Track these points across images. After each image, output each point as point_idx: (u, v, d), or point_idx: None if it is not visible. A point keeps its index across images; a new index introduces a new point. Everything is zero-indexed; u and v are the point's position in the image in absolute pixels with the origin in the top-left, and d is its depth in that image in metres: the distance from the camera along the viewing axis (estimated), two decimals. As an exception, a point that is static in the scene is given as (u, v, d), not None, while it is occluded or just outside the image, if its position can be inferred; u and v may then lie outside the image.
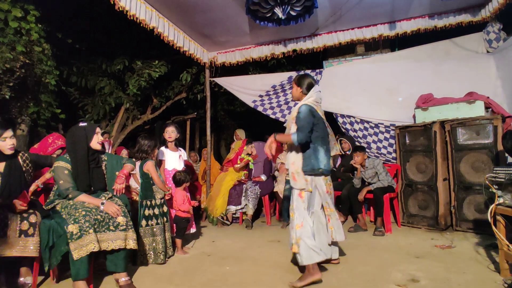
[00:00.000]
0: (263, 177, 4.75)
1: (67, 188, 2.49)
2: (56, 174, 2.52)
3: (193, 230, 3.69)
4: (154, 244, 3.02)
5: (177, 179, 3.44)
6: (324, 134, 2.61)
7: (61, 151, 3.31)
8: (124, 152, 4.98)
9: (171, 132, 3.69)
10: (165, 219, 3.16)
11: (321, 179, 2.57)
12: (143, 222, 3.05)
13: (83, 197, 2.50)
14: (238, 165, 5.03)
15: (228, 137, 8.82)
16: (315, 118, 2.53)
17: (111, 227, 2.42)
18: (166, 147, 3.73)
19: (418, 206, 4.02)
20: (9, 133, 2.46)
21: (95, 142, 2.67)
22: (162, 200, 3.18)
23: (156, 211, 3.09)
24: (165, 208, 3.18)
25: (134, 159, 3.36)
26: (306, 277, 2.37)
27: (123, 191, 2.73)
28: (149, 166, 3.13)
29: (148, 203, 3.10)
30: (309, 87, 2.64)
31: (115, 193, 2.69)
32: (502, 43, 4.19)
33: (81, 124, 2.69)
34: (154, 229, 3.05)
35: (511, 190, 2.32)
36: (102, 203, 2.48)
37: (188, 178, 3.47)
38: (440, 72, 4.49)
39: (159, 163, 3.58)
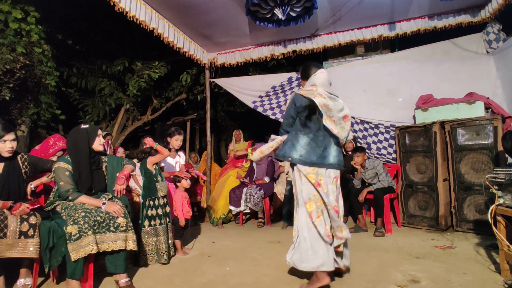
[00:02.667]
0: (266, 179, 4.75)
1: (67, 190, 2.48)
2: (56, 175, 2.52)
3: None
4: (157, 244, 3.01)
5: (174, 180, 3.50)
6: (312, 123, 2.36)
7: (62, 153, 3.30)
8: (121, 151, 4.98)
9: (180, 141, 3.67)
10: (167, 219, 3.16)
11: (308, 169, 2.31)
12: (146, 223, 3.05)
13: (84, 199, 2.50)
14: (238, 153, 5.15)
15: (228, 138, 8.82)
16: (296, 106, 2.36)
17: (111, 228, 2.42)
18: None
19: (419, 206, 4.01)
20: (10, 136, 2.45)
21: (98, 144, 2.68)
22: (165, 200, 3.18)
23: (160, 211, 3.09)
24: (167, 209, 3.18)
25: (135, 160, 3.37)
26: (312, 283, 2.29)
27: (124, 192, 2.73)
28: (151, 159, 3.15)
29: (151, 203, 3.09)
30: (304, 71, 2.49)
31: (115, 194, 2.69)
32: (502, 44, 4.19)
33: (82, 126, 2.68)
34: (158, 229, 3.05)
35: (511, 191, 2.32)
36: (104, 203, 2.48)
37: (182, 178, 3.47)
38: (440, 72, 4.49)
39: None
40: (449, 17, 4.40)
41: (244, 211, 4.65)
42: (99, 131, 2.71)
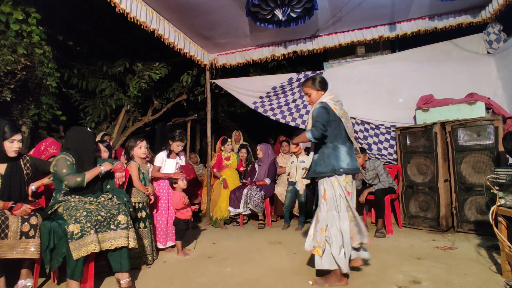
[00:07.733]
0: (267, 181, 4.75)
1: (69, 173, 2.53)
2: (59, 165, 2.54)
3: None
4: None
5: (170, 182, 3.51)
6: (343, 132, 2.50)
7: (53, 159, 3.28)
8: None
9: (181, 147, 3.63)
10: (144, 224, 3.07)
11: (342, 179, 2.44)
12: None
13: (88, 174, 2.57)
14: (216, 172, 5.00)
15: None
16: (329, 115, 2.46)
17: (112, 226, 2.44)
18: (168, 155, 3.61)
19: (419, 207, 4.01)
20: (18, 136, 2.52)
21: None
22: (141, 204, 3.10)
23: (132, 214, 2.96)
24: (143, 213, 3.10)
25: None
26: (331, 281, 2.40)
27: (123, 179, 2.82)
28: (130, 166, 3.12)
29: None
30: (323, 83, 2.62)
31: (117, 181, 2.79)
32: (503, 44, 4.19)
33: (88, 128, 2.80)
34: None
35: (512, 191, 2.32)
36: (101, 167, 2.67)
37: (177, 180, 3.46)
38: (440, 73, 4.49)
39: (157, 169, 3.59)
40: (449, 18, 4.40)
41: (243, 213, 4.64)
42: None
